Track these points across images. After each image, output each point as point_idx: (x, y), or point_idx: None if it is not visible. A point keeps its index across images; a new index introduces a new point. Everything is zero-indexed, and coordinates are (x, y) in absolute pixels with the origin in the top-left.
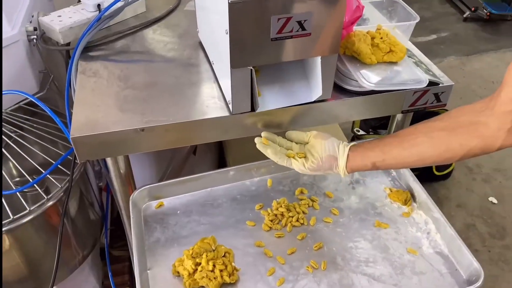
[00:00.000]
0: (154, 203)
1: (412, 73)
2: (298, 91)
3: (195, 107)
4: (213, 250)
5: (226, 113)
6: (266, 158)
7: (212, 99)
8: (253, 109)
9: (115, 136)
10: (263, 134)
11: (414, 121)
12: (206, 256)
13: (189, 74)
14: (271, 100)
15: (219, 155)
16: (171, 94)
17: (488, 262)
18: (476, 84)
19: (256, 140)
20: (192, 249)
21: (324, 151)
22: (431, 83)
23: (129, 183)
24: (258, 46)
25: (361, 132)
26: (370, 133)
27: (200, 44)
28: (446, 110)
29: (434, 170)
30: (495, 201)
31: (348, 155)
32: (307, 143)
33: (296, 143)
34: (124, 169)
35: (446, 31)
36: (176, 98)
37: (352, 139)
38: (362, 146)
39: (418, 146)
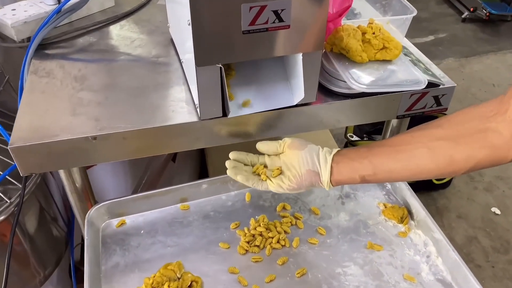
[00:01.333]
0: (115, 221)
1: (409, 73)
2: (277, 93)
3: (159, 112)
4: (178, 279)
5: (195, 119)
6: None
7: (179, 102)
8: (225, 114)
9: (63, 145)
10: (231, 155)
11: (412, 126)
12: (169, 286)
13: (156, 75)
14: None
15: (201, 162)
16: (132, 96)
17: (492, 279)
18: (476, 87)
19: (227, 164)
20: (154, 277)
21: (303, 165)
22: (431, 84)
23: (88, 198)
24: (228, 40)
25: (355, 138)
26: (365, 139)
27: (172, 41)
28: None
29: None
30: (498, 211)
31: (331, 167)
32: (282, 152)
33: (269, 155)
34: (80, 182)
35: (444, 32)
36: (138, 101)
37: (345, 146)
38: (347, 155)
39: (415, 158)
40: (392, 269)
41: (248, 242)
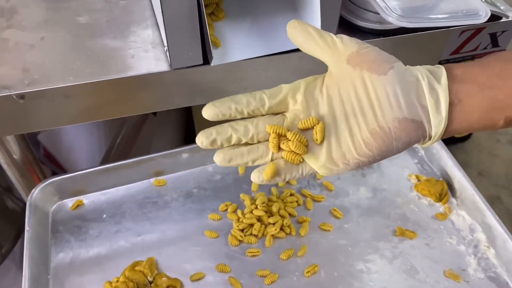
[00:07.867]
0: (69, 202)
1: (464, 0)
2: (281, 31)
3: (114, 58)
4: (150, 283)
5: (164, 67)
6: None
7: (143, 45)
8: (207, 61)
9: None
10: (204, 113)
11: None
12: None
13: (111, 4)
14: (238, 46)
15: (187, 114)
16: (78, 36)
17: None
18: None
19: (218, 158)
20: (117, 281)
21: (389, 110)
22: (492, 17)
23: (33, 172)
24: None
25: None
26: None
27: None
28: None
29: None
30: None
31: (452, 103)
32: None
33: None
34: (19, 153)
35: None
36: (85, 43)
37: None
38: (472, 80)
39: None
40: (429, 263)
41: (242, 230)
